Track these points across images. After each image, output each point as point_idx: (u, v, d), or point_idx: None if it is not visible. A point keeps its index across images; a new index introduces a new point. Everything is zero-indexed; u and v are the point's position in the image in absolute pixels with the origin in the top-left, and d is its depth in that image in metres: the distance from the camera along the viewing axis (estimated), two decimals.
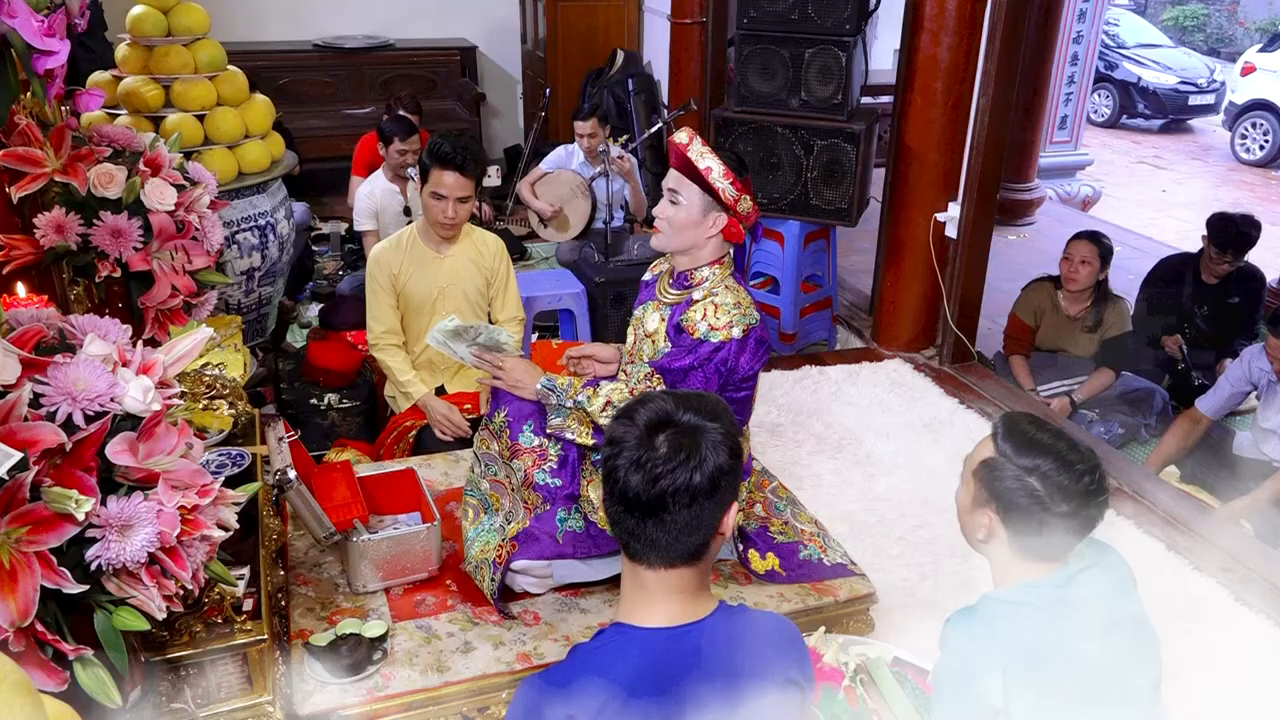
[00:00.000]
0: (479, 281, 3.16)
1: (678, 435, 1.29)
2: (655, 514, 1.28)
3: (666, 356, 2.21)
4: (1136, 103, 11.88)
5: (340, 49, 6.84)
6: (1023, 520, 1.61)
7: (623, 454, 1.30)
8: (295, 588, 2.29)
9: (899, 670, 2.10)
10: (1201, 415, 3.66)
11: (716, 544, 1.35)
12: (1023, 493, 1.60)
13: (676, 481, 1.26)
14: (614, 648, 1.33)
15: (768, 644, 1.39)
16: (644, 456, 1.28)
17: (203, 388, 2.37)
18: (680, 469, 1.27)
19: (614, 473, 1.31)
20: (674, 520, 1.28)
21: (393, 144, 4.58)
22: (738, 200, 2.18)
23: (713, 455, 1.28)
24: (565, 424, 2.24)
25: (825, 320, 4.72)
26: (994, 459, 1.64)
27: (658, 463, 1.27)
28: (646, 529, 1.30)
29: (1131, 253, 5.87)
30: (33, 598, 1.19)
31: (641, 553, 1.32)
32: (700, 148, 2.16)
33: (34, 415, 1.25)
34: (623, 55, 6.70)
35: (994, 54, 3.64)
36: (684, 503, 1.27)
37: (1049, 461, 1.60)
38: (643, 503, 1.28)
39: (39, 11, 1.60)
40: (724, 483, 1.30)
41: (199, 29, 3.59)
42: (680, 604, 1.34)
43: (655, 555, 1.32)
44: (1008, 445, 1.63)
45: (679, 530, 1.29)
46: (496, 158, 7.09)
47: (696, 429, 1.30)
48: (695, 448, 1.28)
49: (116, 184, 1.88)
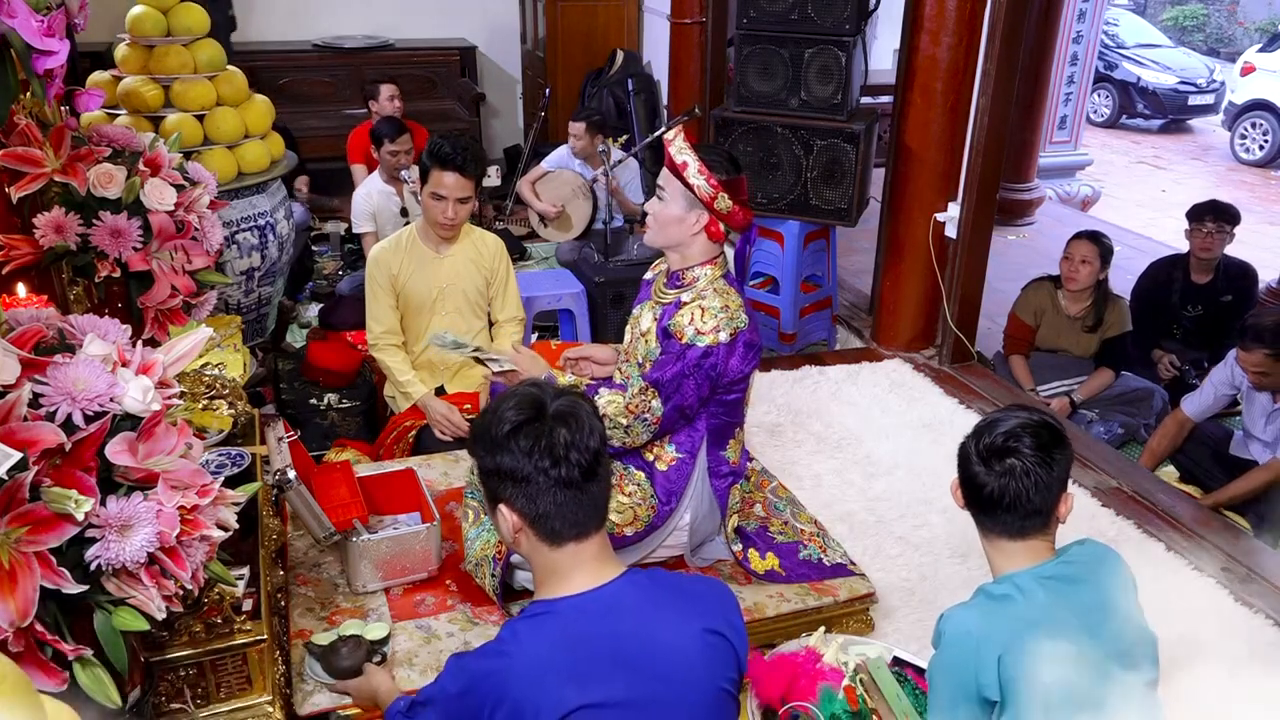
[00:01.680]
0: (479, 281, 3.16)
1: (566, 419, 1.41)
2: (581, 487, 1.41)
3: (657, 367, 2.21)
4: (1136, 103, 11.88)
5: (340, 49, 6.84)
6: (976, 504, 1.69)
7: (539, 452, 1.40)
8: (295, 588, 2.29)
9: (898, 670, 2.10)
10: (1187, 417, 3.66)
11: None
12: (966, 475, 1.69)
13: (588, 442, 1.40)
14: (541, 618, 1.41)
15: (688, 595, 1.48)
16: (551, 441, 1.39)
17: (202, 388, 2.37)
18: (587, 440, 1.40)
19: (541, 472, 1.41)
20: (596, 486, 1.43)
21: (384, 145, 4.57)
22: (714, 198, 2.17)
23: (596, 425, 1.43)
24: None
25: (825, 320, 4.72)
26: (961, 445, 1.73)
27: (566, 444, 1.39)
28: (575, 503, 1.41)
29: (1131, 253, 5.87)
30: (32, 598, 1.19)
31: (563, 531, 1.42)
32: (681, 144, 2.16)
33: (34, 415, 1.25)
34: (622, 55, 6.70)
35: (994, 54, 3.64)
36: (603, 469, 1.44)
37: (972, 438, 1.68)
38: (576, 478, 1.40)
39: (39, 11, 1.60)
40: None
41: (198, 29, 3.59)
42: (593, 571, 1.44)
43: (574, 530, 1.42)
44: (970, 435, 1.71)
45: (595, 498, 1.44)
46: (496, 158, 7.09)
47: (574, 409, 1.43)
48: (583, 424, 1.42)
49: (116, 184, 1.88)
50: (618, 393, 2.22)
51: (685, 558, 2.44)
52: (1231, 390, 3.59)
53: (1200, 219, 4.30)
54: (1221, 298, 4.37)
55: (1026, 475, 1.62)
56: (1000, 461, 1.64)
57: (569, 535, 1.42)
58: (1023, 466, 1.62)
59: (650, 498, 2.28)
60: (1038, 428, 1.65)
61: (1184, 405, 3.68)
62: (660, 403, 2.17)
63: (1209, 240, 4.29)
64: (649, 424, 2.20)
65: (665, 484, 2.29)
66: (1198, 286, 4.40)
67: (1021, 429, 1.64)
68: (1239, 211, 4.38)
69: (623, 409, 2.18)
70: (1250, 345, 3.35)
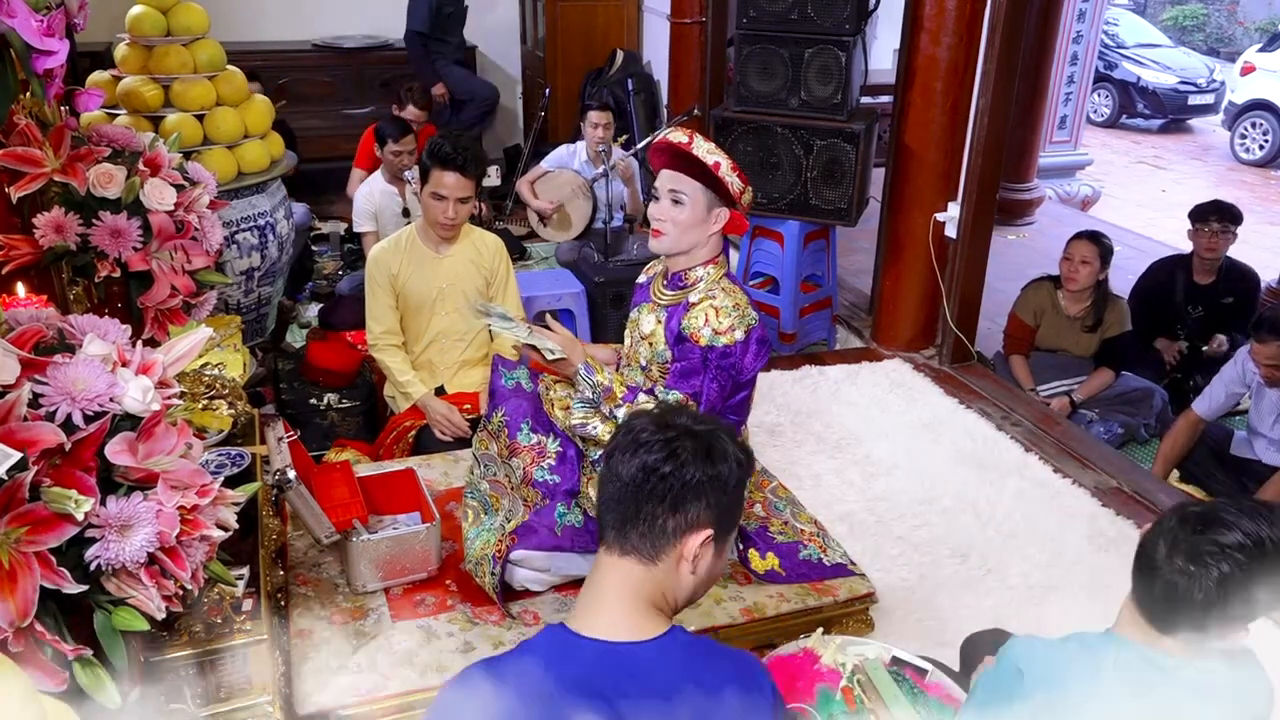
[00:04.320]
0: (478, 281, 3.16)
1: (691, 438, 1.32)
2: (638, 487, 1.30)
3: (681, 378, 2.19)
4: (1136, 102, 11.87)
5: (340, 49, 6.84)
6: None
7: (634, 441, 1.34)
8: (295, 588, 2.29)
9: (897, 670, 2.10)
10: (1199, 418, 3.66)
11: (675, 556, 1.31)
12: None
13: (665, 466, 1.30)
14: (551, 647, 1.30)
15: (721, 687, 1.28)
16: (649, 438, 1.32)
17: (202, 388, 2.37)
18: (673, 457, 1.30)
19: (616, 451, 1.34)
20: (649, 504, 1.30)
21: (387, 145, 4.57)
22: (743, 192, 2.19)
23: (704, 465, 1.31)
24: (589, 418, 2.24)
25: (825, 320, 4.72)
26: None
27: (656, 445, 1.31)
28: (622, 500, 1.32)
29: (1131, 253, 5.87)
30: (32, 598, 1.19)
31: (605, 528, 1.34)
32: (706, 144, 2.16)
33: (33, 415, 1.25)
34: (622, 55, 6.70)
35: (994, 54, 3.64)
36: (662, 489, 1.30)
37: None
38: (631, 474, 1.31)
39: (39, 11, 1.60)
40: (701, 494, 1.31)
41: (198, 29, 3.59)
42: (624, 615, 1.31)
43: (615, 533, 1.33)
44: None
45: (647, 516, 1.30)
46: (496, 158, 7.08)
47: (712, 442, 1.33)
48: (704, 451, 1.31)
49: (116, 184, 1.88)
50: (655, 403, 2.20)
51: None
52: (1242, 388, 3.59)
53: (1204, 219, 4.30)
54: (1223, 299, 4.37)
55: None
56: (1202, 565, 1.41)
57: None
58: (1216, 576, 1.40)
59: None
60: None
61: (1195, 406, 3.67)
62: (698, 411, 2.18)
63: (1214, 240, 4.29)
64: None
65: None
66: (1200, 287, 4.40)
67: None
68: (1241, 211, 4.38)
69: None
70: (1265, 337, 3.35)
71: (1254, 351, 3.41)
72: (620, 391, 2.22)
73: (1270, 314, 3.45)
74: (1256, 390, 3.54)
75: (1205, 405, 3.65)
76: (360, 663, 2.08)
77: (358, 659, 2.09)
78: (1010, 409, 3.76)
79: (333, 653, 2.09)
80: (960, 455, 3.42)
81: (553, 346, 2.28)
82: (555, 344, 2.28)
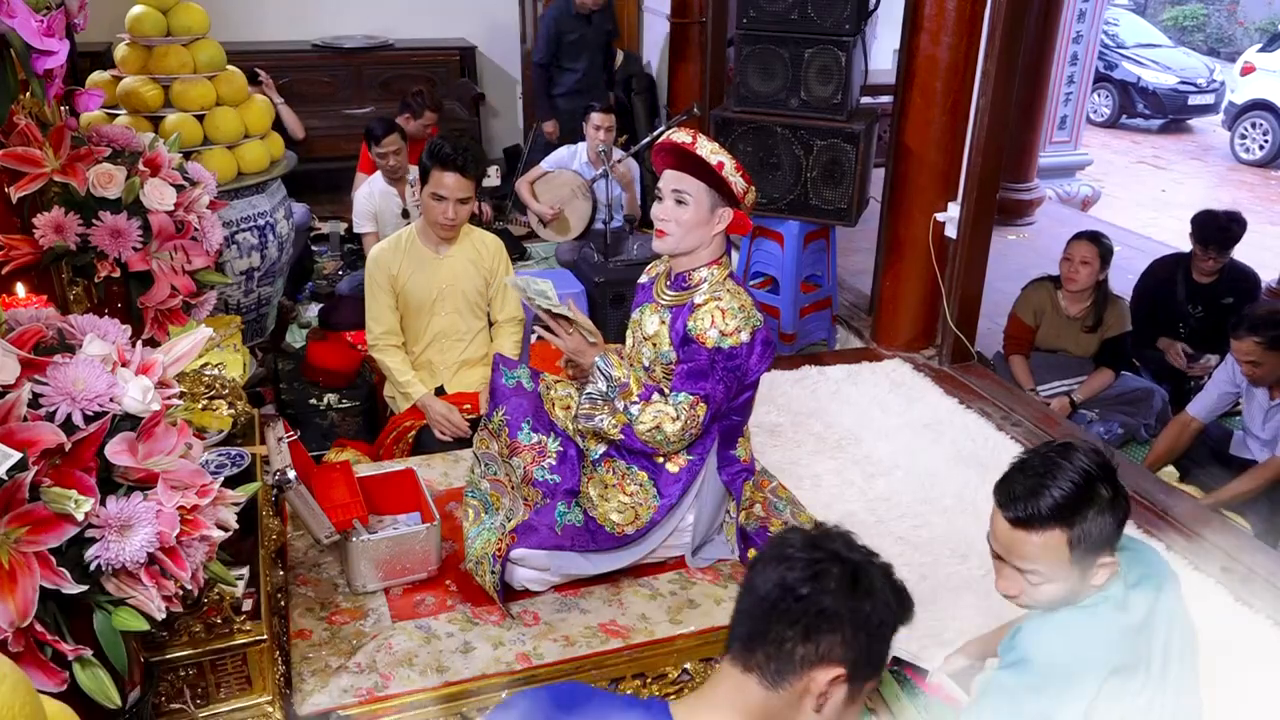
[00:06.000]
0: (478, 282, 3.16)
1: (839, 563, 1.21)
2: (772, 605, 1.20)
3: (689, 380, 2.18)
4: (1136, 103, 11.88)
5: (340, 49, 6.84)
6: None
7: (779, 555, 1.24)
8: (294, 588, 2.29)
9: (897, 670, 2.10)
10: (1192, 419, 3.67)
11: (800, 689, 1.19)
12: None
13: (803, 587, 1.19)
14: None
15: None
16: (794, 554, 1.22)
17: (202, 388, 2.37)
18: (815, 579, 1.19)
19: (759, 561, 1.25)
20: (780, 624, 1.19)
21: (374, 146, 4.57)
22: (747, 192, 2.19)
23: (846, 595, 1.19)
24: (598, 412, 2.23)
25: (825, 320, 4.72)
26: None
27: (799, 564, 1.21)
28: (753, 615, 1.22)
29: (1131, 253, 5.86)
30: (32, 598, 1.19)
31: (732, 639, 1.23)
32: (710, 144, 2.17)
33: (33, 415, 1.25)
34: (622, 55, 6.70)
35: (994, 54, 3.64)
36: (796, 611, 1.19)
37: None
38: (767, 589, 1.21)
39: (39, 11, 1.60)
40: (838, 626, 1.18)
41: (198, 29, 3.59)
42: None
43: (740, 645, 1.22)
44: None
45: (776, 638, 1.19)
46: (496, 158, 7.09)
47: (860, 573, 1.21)
48: (849, 580, 1.20)
49: (116, 184, 1.88)
50: (668, 406, 2.19)
51: (686, 558, 2.44)
52: (1234, 389, 3.60)
53: (1205, 246, 4.30)
54: (1223, 299, 4.37)
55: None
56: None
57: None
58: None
59: (653, 497, 2.28)
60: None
61: (1190, 408, 3.68)
62: (706, 413, 2.19)
63: (1214, 264, 4.32)
64: (694, 435, 2.22)
65: (672, 484, 2.29)
66: (1201, 287, 4.40)
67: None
68: (1240, 228, 4.35)
69: (680, 429, 2.17)
70: (1242, 334, 3.38)
71: (1233, 349, 3.43)
72: (637, 389, 2.22)
73: (1248, 312, 3.47)
74: (1246, 391, 3.56)
75: (1200, 406, 3.66)
76: (360, 663, 2.07)
77: (358, 659, 2.08)
78: (1010, 409, 3.76)
79: (333, 653, 2.09)
80: (960, 455, 3.41)
81: (591, 327, 2.32)
82: (590, 327, 2.32)
